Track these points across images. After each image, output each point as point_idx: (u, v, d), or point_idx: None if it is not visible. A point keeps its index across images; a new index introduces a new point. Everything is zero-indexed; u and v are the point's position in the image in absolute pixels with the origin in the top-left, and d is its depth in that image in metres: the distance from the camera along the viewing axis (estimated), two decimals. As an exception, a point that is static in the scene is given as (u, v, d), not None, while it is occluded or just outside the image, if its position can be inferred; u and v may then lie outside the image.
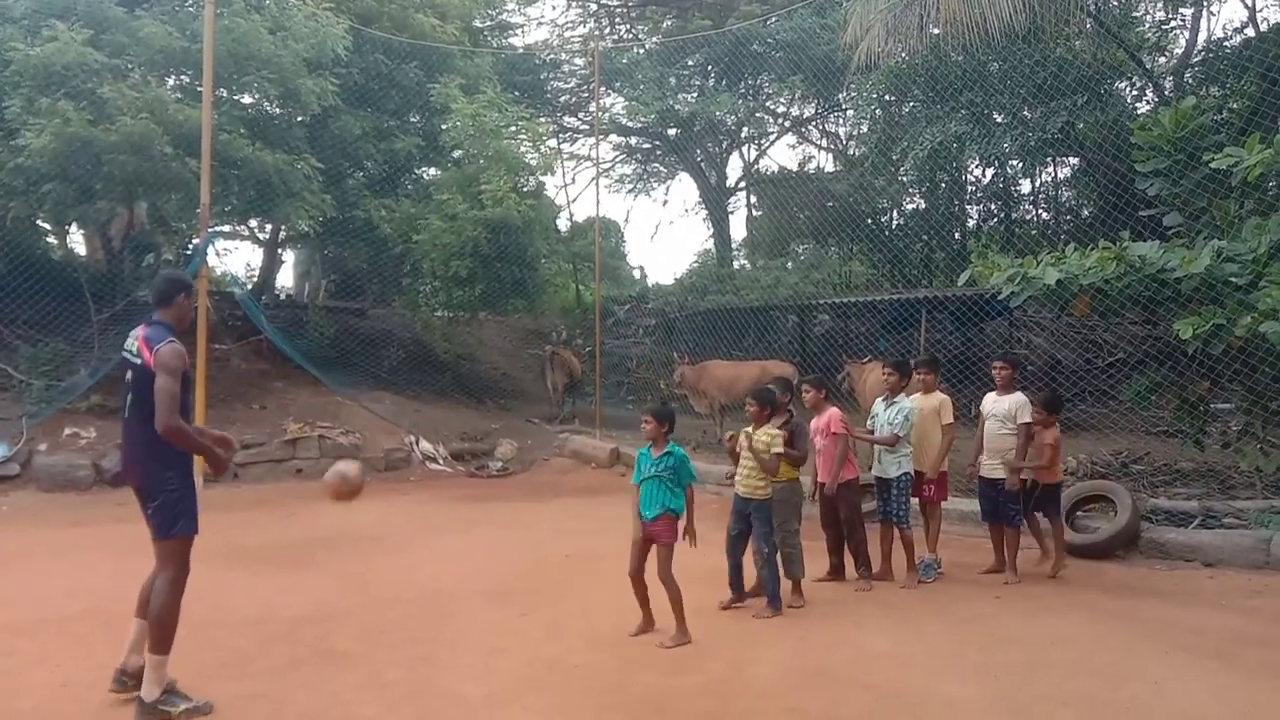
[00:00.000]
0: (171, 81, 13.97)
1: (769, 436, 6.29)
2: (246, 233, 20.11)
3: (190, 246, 15.59)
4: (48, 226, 14.98)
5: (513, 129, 16.51)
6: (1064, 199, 20.18)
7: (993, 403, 7.47)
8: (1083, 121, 13.38)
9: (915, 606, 6.47)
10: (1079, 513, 8.32)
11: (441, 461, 13.95)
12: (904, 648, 5.46)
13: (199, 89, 12.52)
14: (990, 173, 17.75)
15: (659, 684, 4.88)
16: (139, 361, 4.58)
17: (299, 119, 14.93)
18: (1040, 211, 20.40)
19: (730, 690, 4.80)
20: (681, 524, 5.73)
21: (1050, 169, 19.57)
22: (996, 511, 7.35)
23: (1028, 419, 7.19)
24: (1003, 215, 19.71)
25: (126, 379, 4.72)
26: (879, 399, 7.50)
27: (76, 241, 16.84)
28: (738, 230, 26.92)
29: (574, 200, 26.60)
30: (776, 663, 5.21)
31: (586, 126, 24.56)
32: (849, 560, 7.18)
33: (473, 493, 12.15)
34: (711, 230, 25.48)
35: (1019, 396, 7.31)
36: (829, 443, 7.06)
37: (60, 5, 12.85)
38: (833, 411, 7.13)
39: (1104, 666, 5.05)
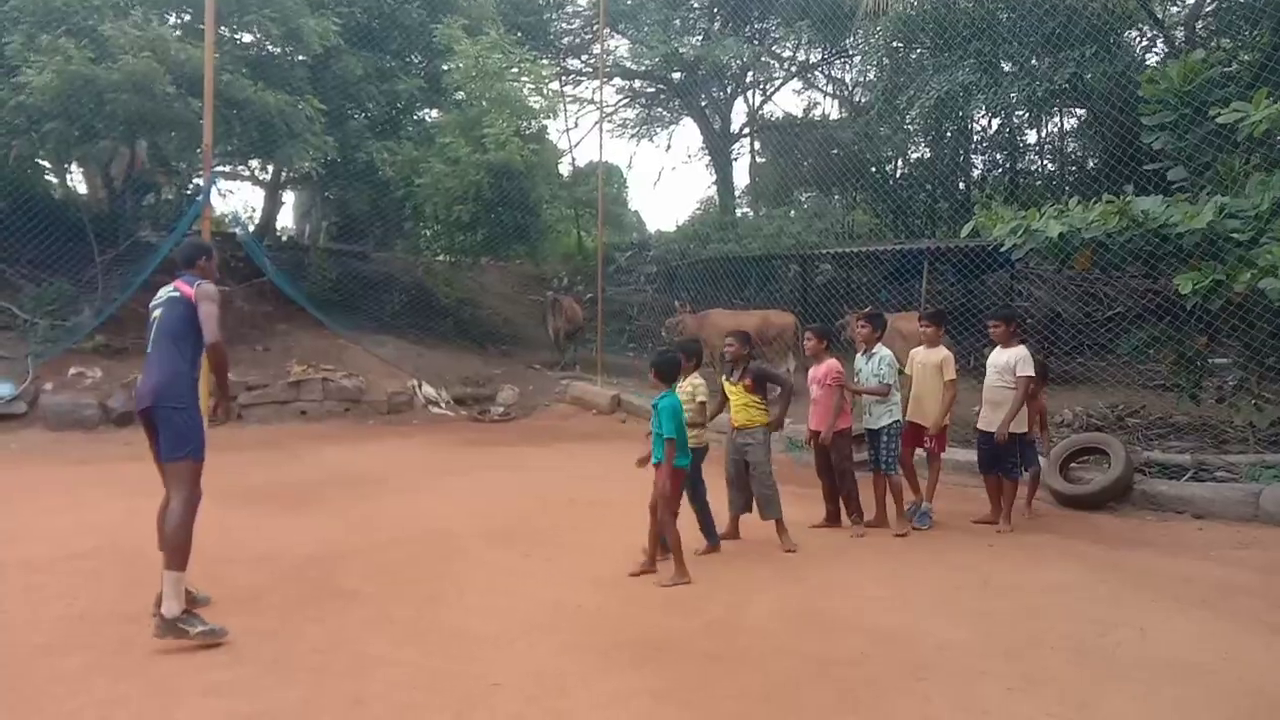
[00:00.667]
0: (173, 19, 13.84)
1: (691, 387, 6.46)
2: (248, 173, 20.03)
3: (191, 186, 15.55)
4: (48, 165, 14.91)
5: (515, 71, 16.36)
6: (1070, 150, 20.07)
7: (994, 355, 7.54)
8: (1091, 73, 13.28)
9: (910, 553, 6.61)
10: (1073, 464, 8.45)
11: (444, 406, 14.08)
12: (899, 592, 5.60)
13: (201, 28, 12.37)
14: (996, 123, 17.60)
15: (660, 625, 5.02)
16: (178, 295, 4.97)
17: (301, 59, 14.82)
18: (1046, 163, 20.31)
19: (729, 632, 4.94)
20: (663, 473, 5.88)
21: (1057, 120, 19.45)
22: (994, 463, 7.45)
23: (1029, 372, 7.22)
24: (1008, 166, 19.62)
25: (154, 319, 5.04)
26: (859, 354, 7.52)
27: (77, 181, 16.77)
28: (741, 177, 26.80)
29: (577, 145, 26.39)
30: (773, 605, 5.35)
31: (590, 69, 24.29)
32: (844, 508, 7.32)
33: (475, 437, 12.29)
34: (715, 177, 25.36)
35: (1020, 350, 7.32)
36: (824, 393, 7.16)
37: (60, -58, 12.67)
38: (830, 363, 7.21)
39: (1093, 613, 5.19)
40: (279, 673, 4.28)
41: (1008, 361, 7.30)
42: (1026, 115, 16.87)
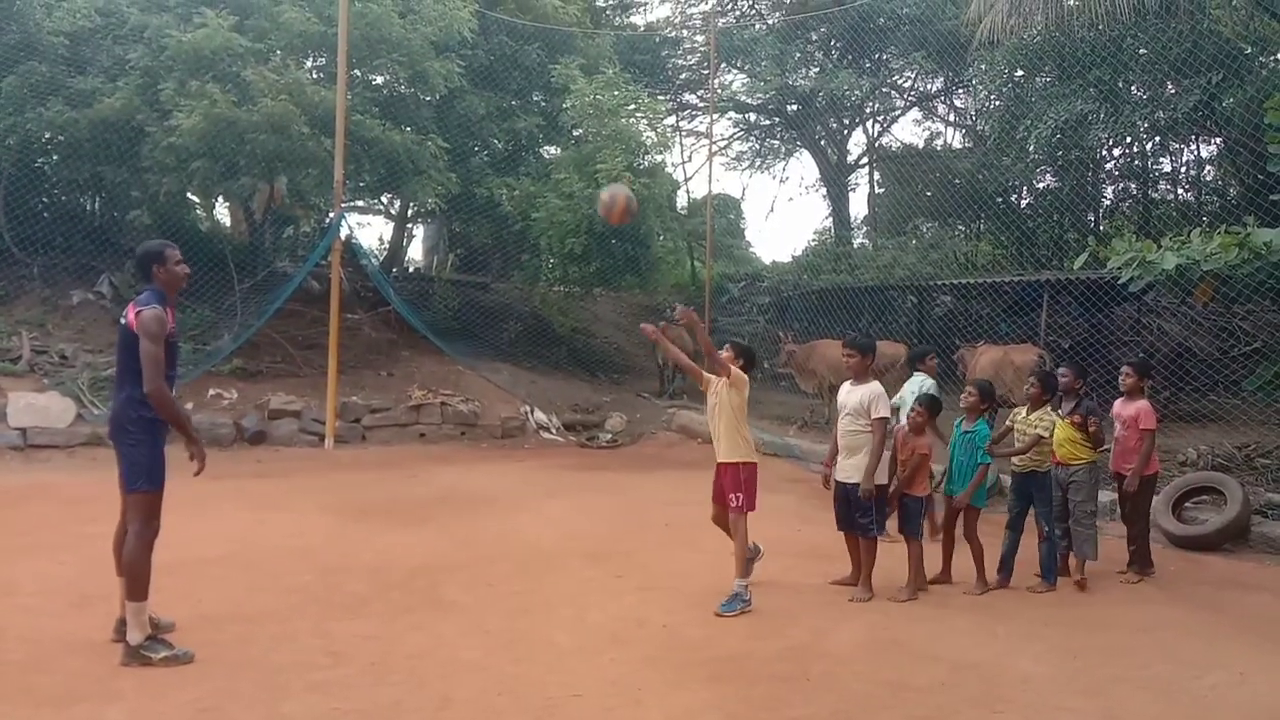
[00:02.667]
0: (309, 64, 14.82)
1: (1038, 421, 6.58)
2: (379, 208, 21.15)
3: (327, 220, 16.54)
4: (196, 200, 16.11)
5: (630, 107, 16.79)
6: (1211, 179, 19.20)
7: (843, 393, 6.38)
8: (1231, 98, 12.78)
9: (1007, 590, 6.49)
10: (1187, 504, 8.12)
11: (554, 431, 14.47)
12: (985, 625, 5.55)
13: (334, 71, 13.26)
14: (1119, 152, 17.03)
15: (741, 646, 5.12)
16: (124, 321, 4.79)
17: (427, 99, 15.61)
18: (1181, 191, 19.48)
19: (809, 656, 5.01)
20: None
21: (1193, 148, 18.66)
22: (849, 518, 6.23)
23: (883, 413, 6.05)
24: (1140, 195, 18.91)
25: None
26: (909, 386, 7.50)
27: (222, 214, 18.04)
28: (859, 208, 26.61)
29: (691, 177, 26.66)
30: (856, 633, 5.39)
31: (705, 104, 24.64)
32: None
33: (582, 462, 12.60)
34: (830, 208, 25.26)
35: (873, 387, 6.13)
36: (1129, 434, 7.02)
37: (208, -7, 13.81)
38: (1143, 404, 7.00)
39: (1189, 654, 5.04)
40: (377, 674, 4.59)
41: (860, 401, 6.11)
42: (1150, 144, 16.26)
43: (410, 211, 19.84)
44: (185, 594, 5.69)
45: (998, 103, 17.23)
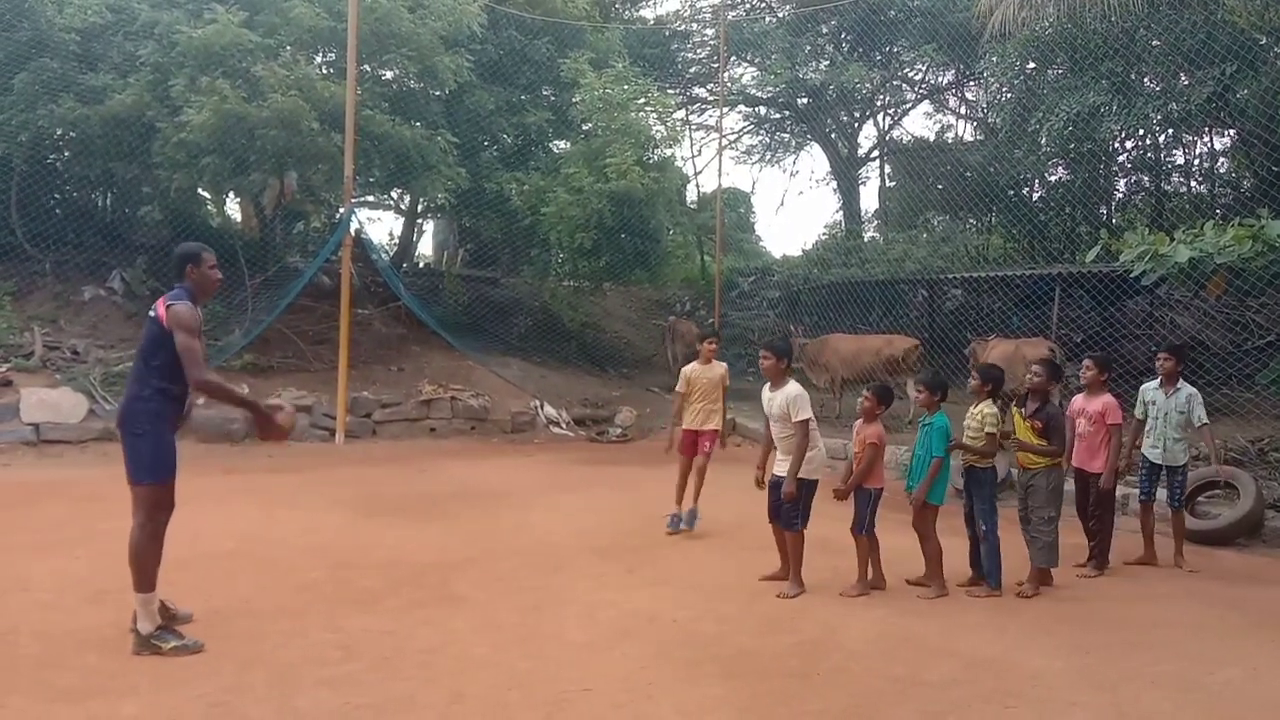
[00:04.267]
0: (319, 59, 14.85)
1: (981, 416, 6.29)
2: (390, 203, 21.17)
3: (337, 215, 16.57)
4: (207, 196, 16.15)
5: (640, 101, 16.76)
6: (1224, 171, 19.06)
7: (767, 400, 6.31)
8: (1245, 89, 12.68)
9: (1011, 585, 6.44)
10: (1200, 498, 8.08)
11: (564, 426, 14.49)
12: (997, 620, 5.54)
13: (344, 66, 13.26)
14: (1131, 144, 16.92)
15: (752, 642, 5.12)
16: (153, 314, 4.77)
17: (436, 94, 15.62)
18: (1194, 184, 19.35)
19: (820, 651, 5.00)
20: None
21: (1206, 140, 18.52)
22: (777, 511, 6.25)
23: (805, 415, 6.02)
24: (1153, 188, 18.79)
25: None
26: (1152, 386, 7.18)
27: (233, 210, 18.09)
28: (869, 201, 26.52)
29: (700, 171, 26.58)
30: (868, 628, 5.38)
31: (716, 97, 24.58)
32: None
33: (592, 457, 12.60)
34: (840, 201, 25.18)
35: (792, 388, 6.08)
36: (1096, 429, 6.87)
37: (220, -12, 13.82)
38: (1108, 399, 6.86)
39: (1202, 651, 5.02)
40: (389, 669, 4.59)
41: (781, 406, 6.07)
42: (1163, 137, 16.15)
43: (420, 207, 19.84)
44: (196, 589, 5.70)
45: (1009, 95, 17.11)
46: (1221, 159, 18.78)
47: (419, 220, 21.76)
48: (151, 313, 4.80)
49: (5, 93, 13.29)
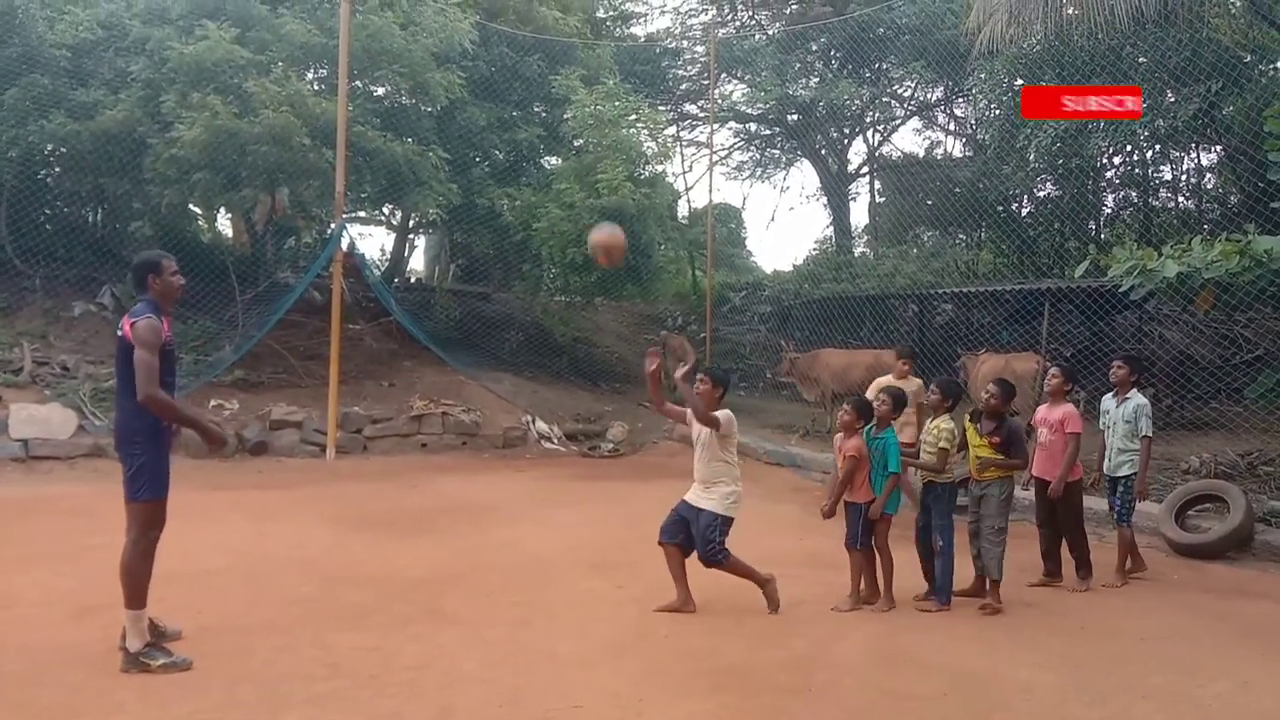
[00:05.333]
0: (310, 75, 14.87)
1: (938, 431, 6.25)
2: (381, 219, 21.18)
3: (328, 231, 16.57)
4: (198, 211, 16.15)
5: (631, 118, 16.83)
6: (1209, 186, 19.20)
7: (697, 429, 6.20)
8: (1230, 106, 12.79)
9: (1005, 597, 6.43)
10: (1190, 512, 8.09)
11: (556, 441, 14.46)
12: (987, 634, 5.54)
13: (335, 83, 13.30)
14: (1118, 160, 17.05)
15: (743, 656, 5.11)
16: (120, 333, 4.83)
17: (428, 110, 15.66)
18: (1182, 199, 19.49)
19: (811, 665, 4.99)
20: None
21: (1193, 156, 18.67)
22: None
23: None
24: (1141, 203, 18.92)
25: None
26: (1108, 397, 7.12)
27: (224, 226, 18.07)
28: (860, 216, 26.66)
29: (691, 187, 26.69)
30: (859, 642, 5.37)
31: (706, 114, 24.69)
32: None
33: (583, 471, 12.58)
34: (831, 217, 25.29)
35: (726, 413, 6.01)
36: (1058, 439, 6.80)
37: (211, 5, 13.85)
38: (1069, 408, 6.84)
39: (1193, 663, 5.02)
40: (376, 686, 4.57)
41: (708, 434, 6.01)
42: (1150, 153, 16.28)
43: (412, 222, 19.87)
44: (186, 605, 5.67)
45: (998, 111, 17.25)
46: (1208, 175, 18.94)
47: (410, 235, 21.76)
48: (119, 331, 4.86)
49: (-5, 108, 13.29)
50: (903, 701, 4.43)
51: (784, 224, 74.83)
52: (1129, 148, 15.79)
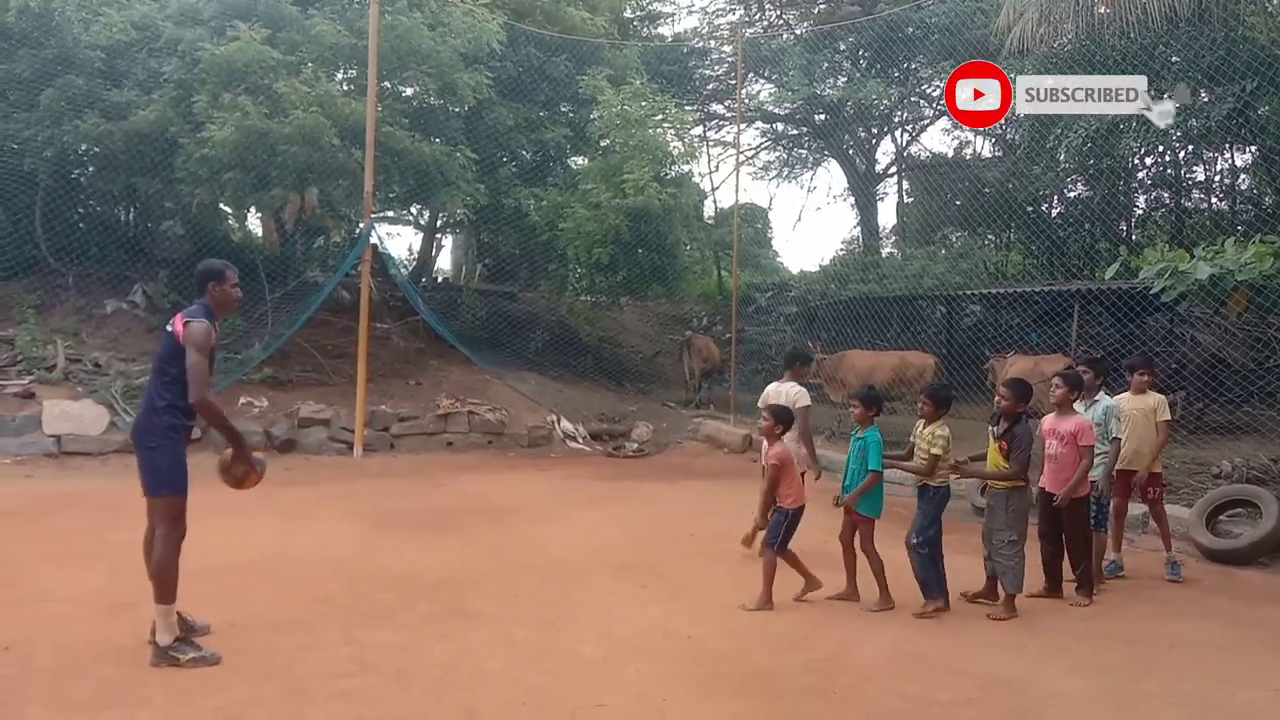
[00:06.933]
0: (340, 76, 14.98)
1: (932, 437, 6.20)
2: (409, 219, 21.33)
3: (357, 230, 16.69)
4: (229, 211, 16.30)
5: (658, 118, 16.83)
6: (1243, 187, 18.94)
7: None
8: (1266, 106, 12.60)
9: (1032, 601, 6.38)
10: (1221, 517, 7.98)
11: (580, 440, 14.49)
12: (1014, 639, 5.49)
13: (364, 83, 13.39)
14: (1150, 160, 16.85)
15: (767, 660, 5.10)
16: (169, 330, 4.87)
17: (456, 111, 15.72)
18: (1215, 200, 19.23)
19: (834, 669, 4.97)
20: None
21: (1227, 156, 18.42)
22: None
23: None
24: (1173, 204, 18.69)
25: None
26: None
27: (254, 225, 18.25)
28: (887, 217, 26.50)
29: (718, 187, 26.62)
30: (882, 646, 5.34)
31: (733, 114, 24.65)
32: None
33: (608, 471, 12.60)
34: (858, 217, 25.17)
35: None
36: (1067, 450, 6.52)
37: (243, 6, 13.97)
38: (1080, 419, 6.60)
39: (1224, 671, 4.96)
40: (403, 683, 4.60)
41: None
42: (1183, 153, 16.07)
43: (439, 222, 19.98)
44: (212, 601, 5.73)
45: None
46: (1242, 175, 18.67)
47: (438, 235, 21.90)
48: (169, 327, 4.89)
49: (31, 109, 13.47)
50: (927, 707, 4.40)
51: (810, 224, 74.45)
52: (1161, 148, 15.61)
